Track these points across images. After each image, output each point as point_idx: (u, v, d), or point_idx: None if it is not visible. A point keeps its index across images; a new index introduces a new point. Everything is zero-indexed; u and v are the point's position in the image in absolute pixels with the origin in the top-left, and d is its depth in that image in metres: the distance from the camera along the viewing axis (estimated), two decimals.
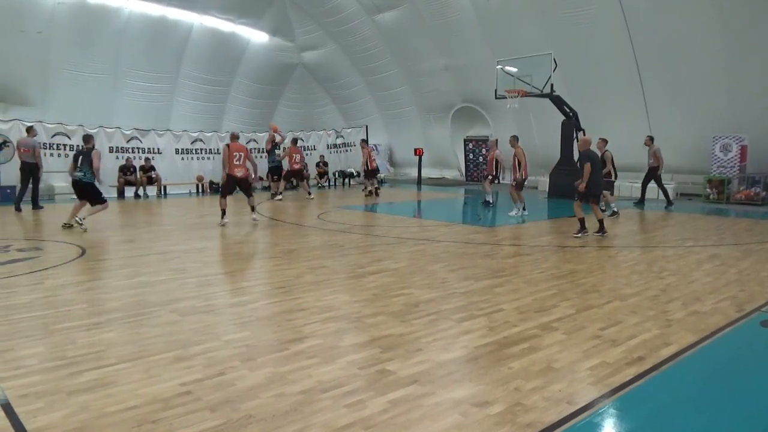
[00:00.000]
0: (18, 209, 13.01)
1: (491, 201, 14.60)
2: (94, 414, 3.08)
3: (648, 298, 5.60)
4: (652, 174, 14.39)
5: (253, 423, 2.99)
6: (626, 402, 3.30)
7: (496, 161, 14.36)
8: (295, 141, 17.67)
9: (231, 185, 11.00)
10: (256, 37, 22.44)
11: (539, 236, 9.68)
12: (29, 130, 14.05)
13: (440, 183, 23.05)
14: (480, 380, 3.58)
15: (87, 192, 10.48)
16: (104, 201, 10.65)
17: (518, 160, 12.16)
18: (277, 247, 8.65)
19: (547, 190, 17.18)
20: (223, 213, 10.91)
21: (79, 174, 10.32)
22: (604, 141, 12.55)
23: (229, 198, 11.16)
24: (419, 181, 22.62)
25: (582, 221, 9.40)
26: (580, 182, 9.31)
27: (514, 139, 12.36)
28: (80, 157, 10.41)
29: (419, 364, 3.83)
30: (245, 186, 11.19)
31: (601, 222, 9.48)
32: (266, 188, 19.00)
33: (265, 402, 3.24)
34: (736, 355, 4.25)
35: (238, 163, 10.83)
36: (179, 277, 6.50)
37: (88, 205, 10.57)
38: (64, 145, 16.83)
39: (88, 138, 10.87)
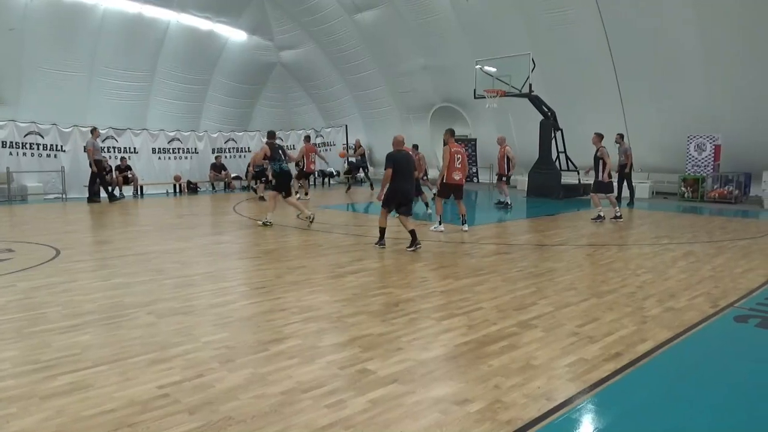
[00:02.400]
0: (113, 199, 15.83)
1: (509, 202, 13.83)
2: (69, 418, 3.03)
3: (624, 295, 5.69)
4: (623, 172, 14.61)
5: (232, 425, 2.97)
6: (604, 397, 3.35)
7: (508, 159, 13.96)
8: (308, 138, 16.78)
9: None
10: (235, 35, 22.25)
11: (518, 235, 9.76)
12: (93, 131, 15.93)
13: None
14: (460, 378, 3.61)
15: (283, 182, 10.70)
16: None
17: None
18: (257, 248, 8.59)
19: (526, 189, 17.33)
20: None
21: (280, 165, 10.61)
22: (600, 136, 11.49)
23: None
24: None
25: (383, 231, 8.22)
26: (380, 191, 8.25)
27: (449, 134, 9.89)
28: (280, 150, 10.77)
29: (399, 363, 3.84)
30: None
31: (413, 234, 8.04)
32: (250, 188, 18.64)
33: (244, 403, 3.22)
34: (710, 350, 4.33)
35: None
36: (157, 278, 6.42)
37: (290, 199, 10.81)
38: (37, 145, 16.51)
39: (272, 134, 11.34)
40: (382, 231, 8.35)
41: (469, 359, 3.93)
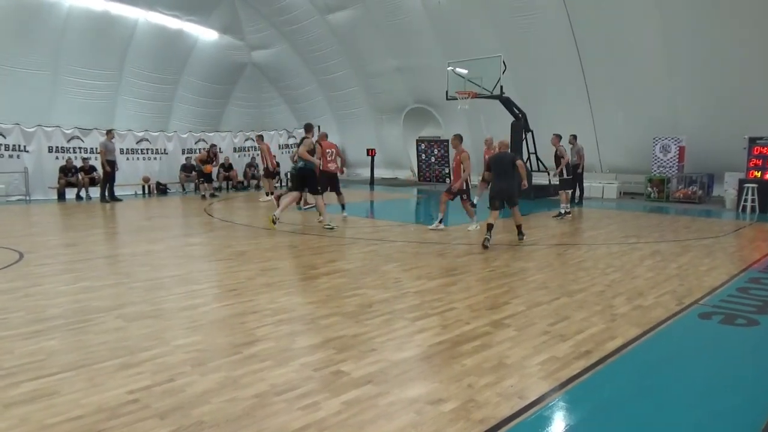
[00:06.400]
0: (106, 200, 15.87)
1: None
2: (34, 426, 2.94)
3: (594, 294, 5.79)
4: (575, 171, 14.89)
5: (205, 429, 2.92)
6: (575, 395, 3.40)
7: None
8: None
9: (324, 181, 11.14)
10: (205, 34, 21.96)
11: None
12: (108, 132, 16.28)
13: (393, 183, 23.16)
14: (434, 378, 3.62)
15: (307, 181, 10.46)
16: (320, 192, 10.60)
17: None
18: (229, 249, 8.48)
19: None
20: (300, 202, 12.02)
21: (299, 164, 10.35)
22: (558, 137, 12.23)
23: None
24: (372, 181, 22.65)
25: (489, 227, 8.55)
26: None
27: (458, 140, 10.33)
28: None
29: (373, 364, 3.83)
30: (336, 181, 11.74)
31: (519, 227, 9.00)
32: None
33: (217, 407, 3.17)
34: (676, 346, 4.44)
35: (330, 158, 11.44)
36: (125, 282, 6.29)
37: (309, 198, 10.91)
38: None
39: (309, 127, 10.94)
40: (489, 226, 8.53)
41: (442, 359, 3.95)
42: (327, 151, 11.32)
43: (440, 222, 10.31)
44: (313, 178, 10.40)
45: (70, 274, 6.67)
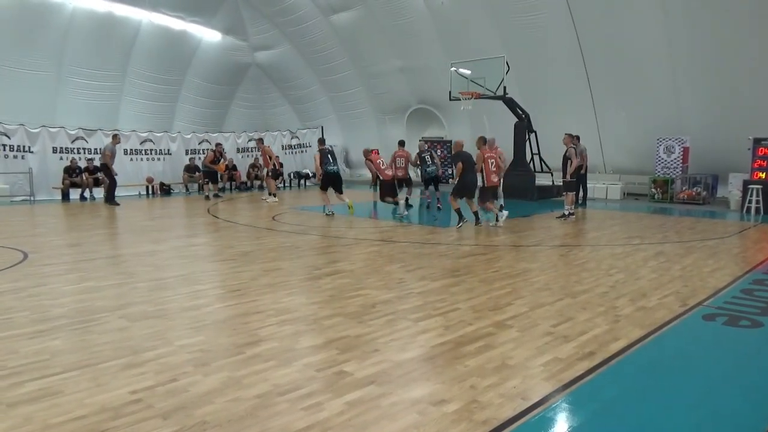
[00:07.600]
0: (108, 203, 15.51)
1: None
2: (38, 426, 2.95)
3: (598, 295, 5.77)
4: (578, 172, 14.84)
5: (208, 429, 2.93)
6: (578, 396, 3.39)
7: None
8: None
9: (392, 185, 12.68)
10: (208, 35, 22.01)
11: (493, 236, 9.84)
12: (114, 137, 16.23)
13: None
14: (437, 379, 3.61)
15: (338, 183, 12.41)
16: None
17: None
18: (232, 250, 8.49)
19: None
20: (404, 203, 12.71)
21: (333, 168, 12.27)
22: (570, 136, 12.16)
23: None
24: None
25: (459, 212, 10.43)
26: None
27: (481, 142, 10.95)
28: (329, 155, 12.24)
29: (376, 364, 3.83)
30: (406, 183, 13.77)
31: (476, 214, 10.68)
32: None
33: (220, 407, 3.17)
34: (680, 348, 4.42)
35: (401, 165, 13.46)
36: (129, 282, 6.31)
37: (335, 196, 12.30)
38: (3, 146, 16.09)
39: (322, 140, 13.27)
40: (459, 212, 10.40)
41: (445, 360, 3.95)
42: (397, 158, 13.53)
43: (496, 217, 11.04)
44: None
45: (74, 274, 6.69)
